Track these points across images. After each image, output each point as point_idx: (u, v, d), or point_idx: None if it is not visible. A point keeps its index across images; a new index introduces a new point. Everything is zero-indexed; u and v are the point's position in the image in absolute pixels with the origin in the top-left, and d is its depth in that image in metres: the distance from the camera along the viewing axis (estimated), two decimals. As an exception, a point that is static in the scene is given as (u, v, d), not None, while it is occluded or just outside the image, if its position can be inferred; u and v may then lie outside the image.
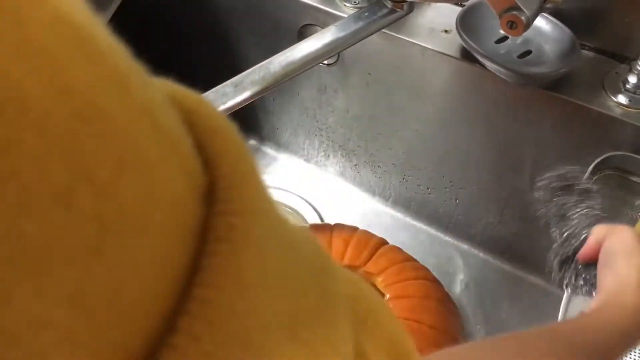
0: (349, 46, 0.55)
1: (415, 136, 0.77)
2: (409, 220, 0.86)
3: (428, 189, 0.81)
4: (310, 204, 0.89)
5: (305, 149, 0.92)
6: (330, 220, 0.87)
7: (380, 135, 0.81)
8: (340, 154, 0.88)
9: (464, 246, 0.83)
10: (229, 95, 0.50)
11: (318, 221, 0.87)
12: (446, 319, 0.55)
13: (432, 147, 0.76)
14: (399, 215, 0.87)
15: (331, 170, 0.91)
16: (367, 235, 0.61)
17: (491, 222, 0.78)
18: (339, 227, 0.62)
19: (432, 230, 0.85)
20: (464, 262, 0.82)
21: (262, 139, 0.96)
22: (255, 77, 0.51)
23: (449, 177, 0.78)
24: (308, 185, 0.91)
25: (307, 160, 0.93)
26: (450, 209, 0.81)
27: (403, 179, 0.83)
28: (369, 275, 0.58)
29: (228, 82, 0.51)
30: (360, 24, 0.54)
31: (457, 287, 0.79)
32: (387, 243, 0.62)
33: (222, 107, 0.50)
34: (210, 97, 0.50)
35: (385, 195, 0.87)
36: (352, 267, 0.58)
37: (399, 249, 0.61)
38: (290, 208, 0.89)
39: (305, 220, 0.87)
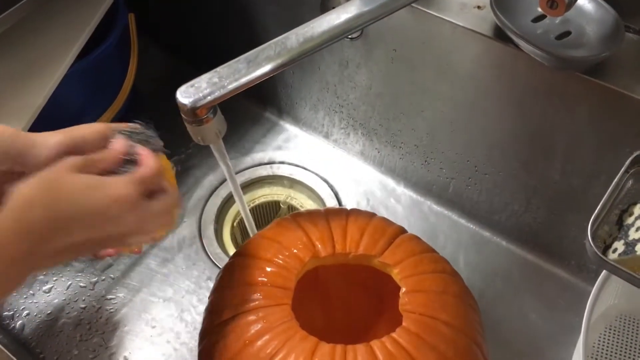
0: (374, 21, 0.51)
1: (440, 118, 0.73)
2: (429, 203, 0.83)
3: (451, 173, 0.78)
4: (327, 183, 0.86)
5: (324, 126, 0.88)
6: (347, 199, 0.84)
7: (403, 115, 0.77)
8: (361, 133, 0.84)
9: (486, 234, 0.79)
10: (242, 71, 0.47)
11: (335, 201, 0.84)
12: (464, 317, 0.52)
13: (457, 130, 0.72)
14: (419, 198, 0.83)
15: (351, 149, 0.88)
16: (385, 223, 0.58)
17: (516, 210, 0.75)
18: (355, 212, 0.59)
19: (453, 216, 0.81)
20: (485, 251, 0.78)
21: (280, 112, 0.93)
22: (271, 52, 0.47)
23: (474, 162, 0.74)
24: (326, 163, 0.88)
25: (326, 137, 0.89)
26: (473, 194, 0.77)
27: (425, 161, 0.79)
28: (385, 266, 0.55)
29: (241, 57, 0.48)
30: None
31: (476, 277, 0.76)
32: (405, 232, 0.59)
33: (234, 84, 0.47)
34: (223, 72, 0.47)
35: (405, 177, 0.84)
36: (367, 257, 0.55)
37: (417, 239, 0.58)
38: (307, 186, 0.86)
39: (322, 200, 0.84)
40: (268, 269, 0.54)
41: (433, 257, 0.56)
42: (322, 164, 0.88)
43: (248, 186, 0.88)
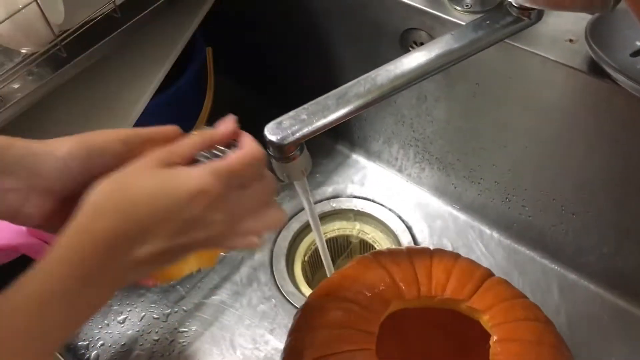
0: (466, 58, 0.49)
1: (524, 154, 0.70)
2: (509, 242, 0.79)
3: (534, 211, 0.74)
4: (400, 218, 0.84)
5: (398, 159, 0.86)
6: (421, 236, 0.81)
7: (483, 150, 0.74)
8: (437, 167, 0.82)
9: (572, 276, 0.75)
10: (331, 108, 0.46)
11: (409, 238, 0.81)
12: (561, 369, 0.49)
13: (543, 167, 0.69)
14: (499, 236, 0.80)
15: (425, 183, 0.85)
16: (471, 264, 0.56)
17: (606, 253, 0.70)
18: (439, 253, 0.56)
19: (536, 256, 0.77)
20: (570, 294, 0.74)
21: (353, 145, 0.92)
22: (361, 89, 0.46)
23: (560, 201, 0.70)
24: (399, 198, 0.86)
25: (400, 171, 0.88)
26: (558, 235, 0.73)
27: (506, 198, 0.76)
28: (474, 311, 0.52)
29: (330, 94, 0.47)
30: (480, 33, 0.48)
31: (561, 321, 0.71)
32: (493, 274, 0.56)
33: (323, 121, 0.45)
34: (312, 109, 0.46)
35: (484, 214, 0.80)
36: (455, 301, 0.52)
37: (507, 283, 0.55)
38: (380, 221, 0.84)
39: (395, 235, 0.82)
40: (350, 311, 0.52)
41: (525, 303, 0.53)
42: (395, 198, 0.86)
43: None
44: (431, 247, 0.80)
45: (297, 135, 0.45)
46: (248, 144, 0.38)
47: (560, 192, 0.70)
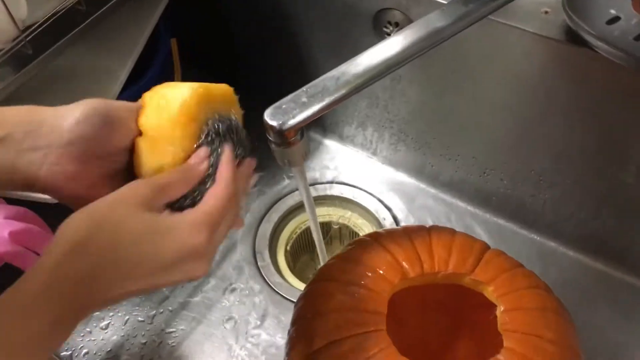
0: (452, 36, 0.49)
1: (502, 128, 0.71)
2: (488, 216, 0.80)
3: (512, 184, 0.76)
4: (380, 201, 0.84)
5: (373, 142, 0.86)
6: (403, 216, 0.82)
7: (460, 128, 0.75)
8: (413, 147, 0.82)
9: (551, 244, 0.77)
10: (330, 89, 0.45)
11: (390, 219, 0.82)
12: (566, 333, 0.50)
13: (521, 140, 0.71)
14: (478, 211, 0.81)
15: (401, 165, 0.86)
16: (469, 238, 0.56)
17: (584, 219, 0.72)
18: (436, 229, 0.57)
19: (515, 227, 0.79)
20: (551, 262, 0.76)
21: (325, 131, 0.91)
22: (359, 69, 0.46)
23: (539, 172, 0.72)
24: (376, 180, 0.86)
25: (375, 154, 0.88)
26: (537, 205, 0.75)
27: (484, 173, 0.77)
28: (478, 284, 0.52)
29: (327, 75, 0.46)
30: (471, 6, 0.48)
31: (547, 289, 0.73)
32: (489, 247, 0.57)
33: (323, 103, 0.45)
34: (311, 91, 0.45)
35: (462, 190, 0.81)
36: (458, 275, 0.53)
37: (504, 254, 0.56)
38: (360, 205, 0.84)
39: (376, 218, 0.82)
40: (356, 293, 0.51)
41: (525, 271, 0.54)
42: (372, 181, 0.86)
43: (297, 209, 0.85)
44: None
45: (298, 118, 0.44)
46: (223, 178, 0.39)
47: (538, 163, 0.71)
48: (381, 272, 0.52)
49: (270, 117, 0.44)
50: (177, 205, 0.38)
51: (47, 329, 0.32)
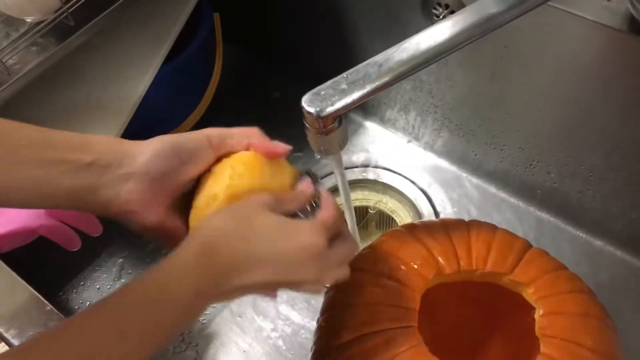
0: (507, 23, 0.46)
1: (553, 118, 0.68)
2: (532, 210, 0.77)
3: (560, 177, 0.72)
4: (419, 188, 0.82)
5: (415, 127, 0.84)
6: (442, 206, 0.79)
7: (508, 116, 0.72)
8: (457, 134, 0.79)
9: (598, 242, 0.74)
10: (372, 76, 0.43)
11: (429, 207, 0.79)
12: (608, 341, 0.48)
13: (572, 132, 0.67)
14: (521, 204, 0.78)
15: (444, 152, 0.83)
16: (510, 236, 0.54)
17: (635, 218, 0.69)
18: (476, 225, 0.54)
19: (560, 223, 0.76)
20: (597, 261, 0.72)
21: (366, 113, 0.89)
22: (403, 55, 0.43)
23: (589, 166, 0.68)
24: (417, 167, 0.83)
25: (417, 139, 0.85)
26: (584, 201, 0.72)
27: (530, 165, 0.74)
28: (517, 284, 0.50)
29: (370, 60, 0.44)
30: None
31: (589, 289, 0.70)
32: (531, 245, 0.54)
33: (364, 91, 0.43)
34: (352, 77, 0.43)
35: (506, 181, 0.78)
36: (497, 274, 0.51)
37: (547, 254, 0.53)
38: (398, 191, 0.82)
39: (414, 206, 0.80)
40: (388, 287, 0.50)
41: (568, 274, 0.51)
42: (413, 167, 0.83)
43: (334, 192, 0.84)
44: (451, 216, 0.78)
45: (337, 106, 0.42)
46: (330, 204, 0.43)
47: (589, 157, 0.68)
48: (415, 266, 0.51)
49: (308, 104, 0.43)
50: None
51: (190, 300, 0.37)
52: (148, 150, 0.41)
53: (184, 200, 0.43)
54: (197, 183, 0.43)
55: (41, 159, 0.39)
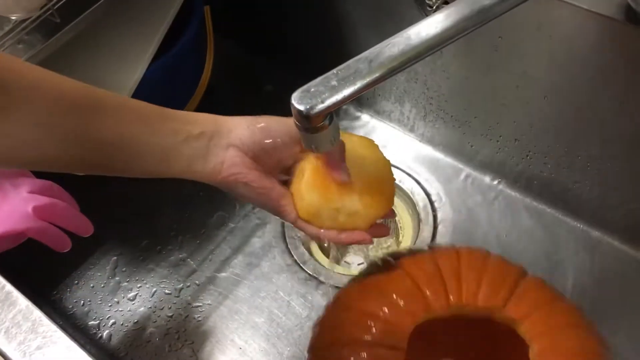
0: (501, 14, 0.45)
1: (549, 109, 0.67)
2: (529, 201, 0.77)
3: (556, 168, 0.71)
4: (415, 180, 0.81)
5: (410, 119, 0.83)
6: (437, 197, 0.78)
7: (503, 107, 0.71)
8: (452, 125, 0.78)
9: (596, 233, 0.73)
10: (363, 72, 0.42)
11: (423, 196, 0.79)
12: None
13: (568, 122, 0.66)
14: (518, 195, 0.77)
15: (439, 143, 0.82)
16: (503, 264, 0.51)
17: (633, 209, 0.68)
18: (466, 252, 0.52)
19: (557, 214, 0.75)
20: (595, 251, 0.72)
21: (361, 105, 0.88)
22: (394, 50, 0.42)
23: (586, 157, 0.68)
24: (412, 158, 0.82)
25: (412, 130, 0.84)
26: (582, 192, 0.71)
27: (527, 156, 0.73)
28: (510, 321, 0.48)
29: (361, 56, 0.42)
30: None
31: (586, 281, 0.70)
32: (526, 272, 0.52)
33: (354, 87, 0.42)
34: (342, 74, 0.42)
35: (502, 172, 0.78)
36: (489, 309, 0.49)
37: (542, 283, 0.51)
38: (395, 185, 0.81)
39: (410, 198, 0.79)
40: (373, 327, 0.48)
41: (564, 306, 0.49)
42: (408, 159, 0.82)
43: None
44: (448, 208, 0.77)
45: (327, 103, 0.41)
46: None
47: (586, 148, 0.67)
48: (402, 304, 0.48)
49: (297, 101, 0.42)
50: None
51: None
52: (242, 125, 0.48)
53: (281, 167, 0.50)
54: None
55: (166, 129, 0.45)
